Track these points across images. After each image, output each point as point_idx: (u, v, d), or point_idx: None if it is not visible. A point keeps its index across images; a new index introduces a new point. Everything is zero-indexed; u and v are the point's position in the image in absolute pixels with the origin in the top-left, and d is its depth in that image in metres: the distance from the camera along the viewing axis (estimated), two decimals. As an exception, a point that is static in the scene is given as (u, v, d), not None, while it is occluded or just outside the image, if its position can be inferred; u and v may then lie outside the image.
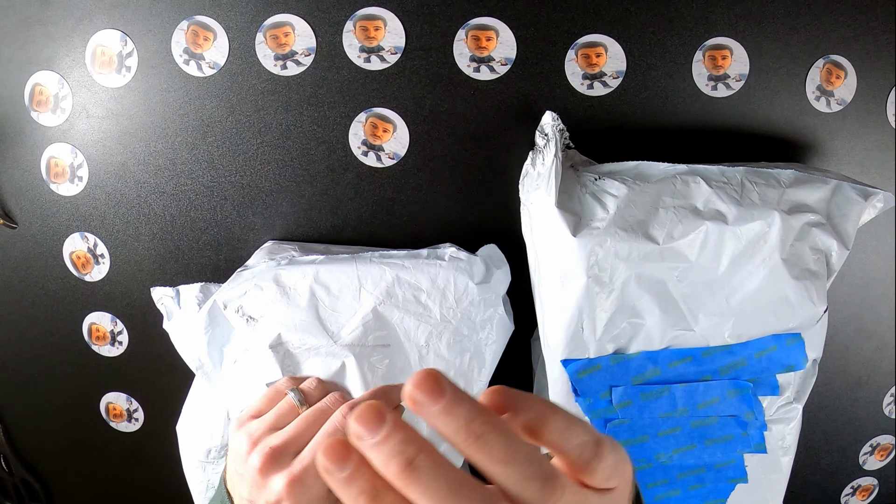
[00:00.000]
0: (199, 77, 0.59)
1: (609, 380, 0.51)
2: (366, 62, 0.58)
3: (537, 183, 0.52)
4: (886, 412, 0.70)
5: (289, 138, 0.61)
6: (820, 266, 0.50)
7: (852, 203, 0.51)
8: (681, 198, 0.50)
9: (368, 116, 0.60)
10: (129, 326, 0.67)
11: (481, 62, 0.58)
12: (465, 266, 0.54)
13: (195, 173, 0.62)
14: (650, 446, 0.53)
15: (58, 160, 0.62)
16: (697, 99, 0.59)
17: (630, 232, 0.49)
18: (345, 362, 0.51)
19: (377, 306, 0.52)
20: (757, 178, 0.51)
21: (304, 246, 0.61)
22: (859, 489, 0.75)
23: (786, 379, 0.52)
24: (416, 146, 0.61)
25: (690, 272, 0.49)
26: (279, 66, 0.59)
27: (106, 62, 0.59)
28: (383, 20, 0.57)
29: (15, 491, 0.75)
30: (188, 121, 0.61)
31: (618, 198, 0.50)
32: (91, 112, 0.61)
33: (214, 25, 0.58)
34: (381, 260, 0.54)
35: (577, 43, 0.58)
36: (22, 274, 0.66)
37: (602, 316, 0.50)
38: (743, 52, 0.58)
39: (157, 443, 0.71)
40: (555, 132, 0.53)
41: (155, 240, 0.64)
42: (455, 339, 0.53)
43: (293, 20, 0.58)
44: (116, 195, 0.63)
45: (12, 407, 0.72)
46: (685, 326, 0.50)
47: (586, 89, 0.59)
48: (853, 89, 0.60)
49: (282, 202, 0.62)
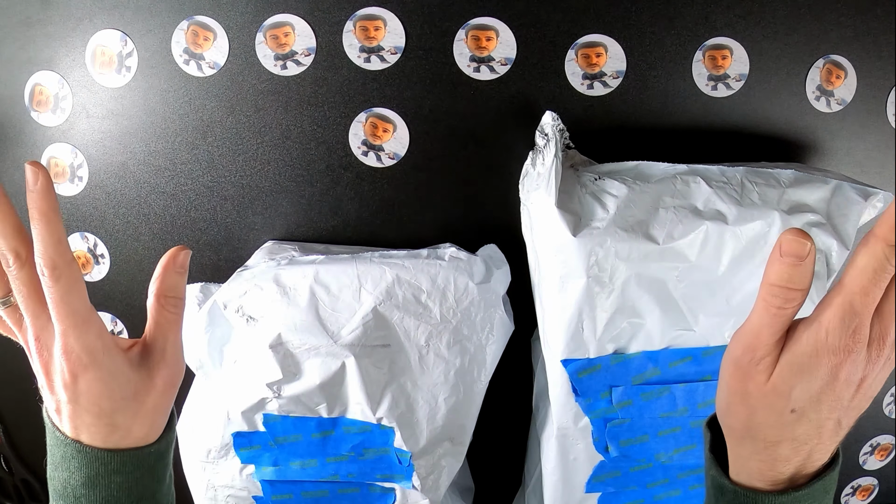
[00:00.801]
0: (199, 77, 0.59)
1: (609, 380, 0.51)
2: (366, 62, 0.58)
3: (537, 183, 0.52)
4: (886, 412, 0.70)
5: (289, 138, 0.61)
6: (820, 266, 0.50)
7: (852, 203, 0.51)
8: (681, 198, 0.50)
9: (368, 116, 0.60)
10: (129, 326, 0.67)
11: (481, 62, 0.58)
12: (465, 266, 0.54)
13: (195, 173, 0.62)
14: (650, 446, 0.53)
15: (58, 160, 0.62)
16: (697, 99, 0.59)
17: (630, 232, 0.49)
18: (345, 362, 0.51)
19: (377, 306, 0.52)
20: (757, 178, 0.51)
21: (304, 246, 0.61)
22: (859, 489, 0.75)
23: (786, 379, 0.52)
24: (416, 146, 0.61)
25: (690, 272, 0.49)
26: (279, 66, 0.59)
27: (106, 62, 0.59)
28: (383, 20, 0.57)
29: (15, 491, 0.75)
30: (188, 121, 0.61)
31: (618, 198, 0.50)
32: (91, 112, 0.61)
33: (214, 25, 0.58)
34: (381, 260, 0.54)
35: (577, 43, 0.58)
36: (22, 274, 0.66)
37: (602, 316, 0.50)
38: (743, 52, 0.58)
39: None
40: (555, 132, 0.53)
41: (155, 240, 0.64)
42: (455, 339, 0.53)
43: (293, 20, 0.58)
44: (116, 195, 0.63)
45: (12, 407, 0.72)
46: (685, 326, 0.50)
47: (586, 89, 0.59)
48: (853, 89, 0.60)
49: (282, 202, 0.62)
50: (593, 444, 0.53)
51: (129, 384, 0.36)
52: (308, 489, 0.55)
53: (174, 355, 0.38)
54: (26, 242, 0.34)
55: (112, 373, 0.35)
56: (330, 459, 0.53)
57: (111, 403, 0.35)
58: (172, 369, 0.38)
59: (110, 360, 0.35)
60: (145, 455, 0.37)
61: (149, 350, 0.38)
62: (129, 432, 0.37)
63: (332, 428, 0.53)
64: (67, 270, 0.33)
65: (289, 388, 0.52)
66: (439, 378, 0.53)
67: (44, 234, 0.33)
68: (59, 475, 0.37)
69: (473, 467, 0.69)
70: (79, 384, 0.35)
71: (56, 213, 0.33)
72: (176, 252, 0.38)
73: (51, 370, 0.35)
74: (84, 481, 0.36)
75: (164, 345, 0.38)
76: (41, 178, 0.33)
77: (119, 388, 0.36)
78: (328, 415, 0.53)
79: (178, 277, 0.38)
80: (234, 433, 0.53)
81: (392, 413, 0.52)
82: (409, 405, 0.53)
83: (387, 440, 0.53)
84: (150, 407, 0.37)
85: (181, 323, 0.39)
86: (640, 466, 0.54)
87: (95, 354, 0.35)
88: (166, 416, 0.39)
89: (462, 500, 0.64)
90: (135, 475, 0.37)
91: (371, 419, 0.52)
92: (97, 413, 0.35)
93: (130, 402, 0.36)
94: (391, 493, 0.55)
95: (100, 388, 0.35)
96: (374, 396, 0.52)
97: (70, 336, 0.34)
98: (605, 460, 0.54)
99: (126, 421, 0.36)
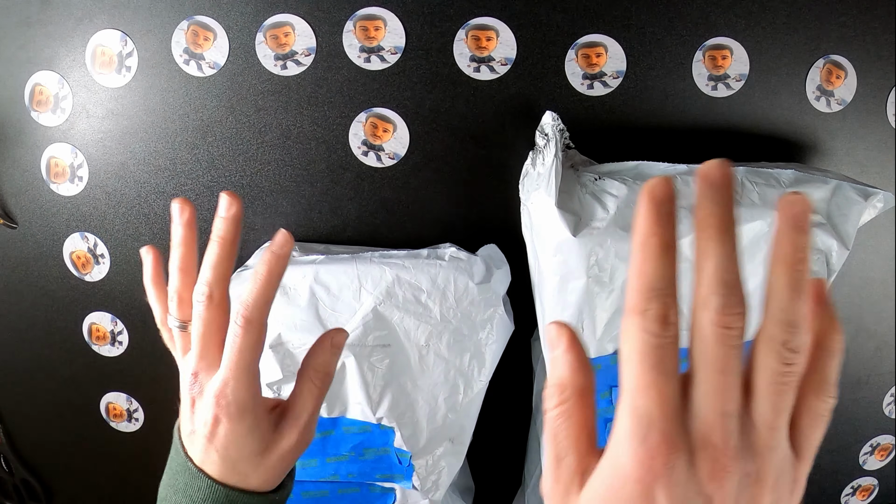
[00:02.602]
0: (199, 77, 0.59)
1: (609, 380, 0.51)
2: (366, 62, 0.58)
3: (537, 183, 0.52)
4: (886, 412, 0.70)
5: (289, 138, 0.61)
6: (820, 266, 0.50)
7: (852, 203, 0.51)
8: (681, 198, 0.50)
9: (368, 116, 0.60)
10: (129, 326, 0.67)
11: (481, 62, 0.58)
12: (465, 266, 0.54)
13: (195, 173, 0.62)
14: (650, 446, 0.53)
15: (58, 160, 0.62)
16: (697, 99, 0.59)
17: (630, 232, 0.49)
18: (345, 362, 0.51)
19: (377, 306, 0.52)
20: (757, 178, 0.51)
21: (304, 246, 0.61)
22: (859, 489, 0.75)
23: (786, 379, 0.52)
24: (416, 146, 0.61)
25: (690, 272, 0.49)
26: (279, 66, 0.59)
27: (106, 62, 0.59)
28: (383, 20, 0.57)
29: (15, 491, 0.75)
30: (188, 121, 0.61)
31: (618, 198, 0.50)
32: (91, 112, 0.61)
33: (214, 25, 0.58)
34: (381, 260, 0.54)
35: (577, 43, 0.58)
36: (22, 274, 0.66)
37: (602, 316, 0.50)
38: (743, 52, 0.58)
39: (157, 443, 0.71)
40: (555, 132, 0.53)
41: (155, 240, 0.64)
42: (455, 339, 0.53)
43: (293, 20, 0.58)
44: (116, 195, 0.63)
45: (12, 407, 0.72)
46: (685, 326, 0.50)
47: (586, 89, 0.59)
48: (853, 89, 0.60)
49: (282, 202, 0.62)
50: (593, 444, 0.53)
51: (261, 442, 0.37)
52: (308, 489, 0.55)
53: (308, 425, 0.39)
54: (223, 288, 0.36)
55: (251, 429, 0.36)
56: (330, 459, 0.53)
57: (239, 453, 0.37)
58: (303, 437, 0.39)
59: (254, 418, 0.36)
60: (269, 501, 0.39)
61: (287, 415, 0.39)
62: (246, 479, 0.38)
63: (332, 428, 0.53)
64: (258, 329, 0.35)
65: (289, 388, 0.51)
66: (439, 378, 0.53)
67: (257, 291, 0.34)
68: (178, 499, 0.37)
69: (473, 467, 0.69)
70: (219, 429, 0.36)
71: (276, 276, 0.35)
72: (334, 333, 0.40)
73: (198, 405, 0.36)
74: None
75: (301, 413, 0.39)
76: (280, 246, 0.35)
77: (251, 443, 0.37)
78: (328, 415, 0.53)
79: (330, 356, 0.40)
80: (234, 433, 0.53)
81: (392, 413, 0.52)
82: (409, 405, 0.53)
83: (387, 440, 0.53)
84: (273, 464, 0.38)
85: (323, 396, 0.40)
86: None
87: (244, 411, 0.36)
88: (286, 472, 0.40)
89: (462, 500, 0.64)
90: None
91: (371, 419, 0.52)
92: (224, 456, 0.36)
93: (256, 457, 0.37)
94: (391, 493, 0.55)
95: (235, 438, 0.36)
96: (374, 396, 0.52)
97: (230, 387, 0.35)
98: (605, 460, 0.54)
99: (247, 469, 0.37)
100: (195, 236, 0.39)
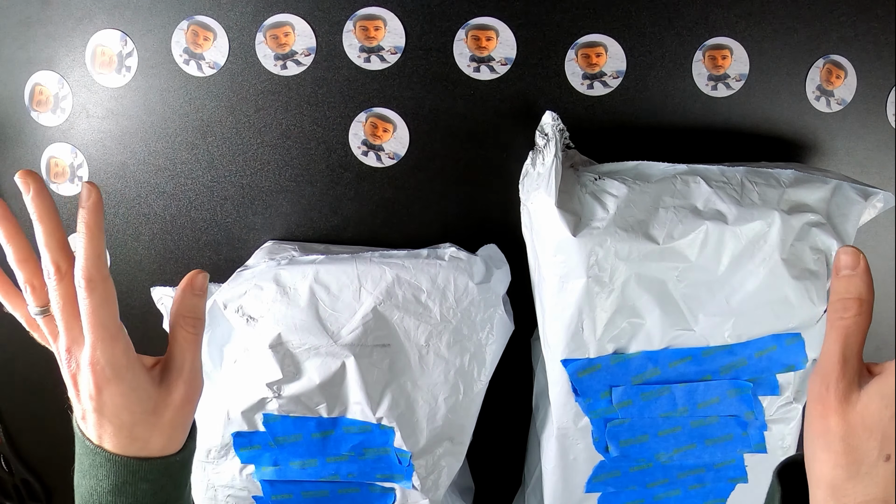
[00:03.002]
0: (199, 77, 0.59)
1: (609, 380, 0.51)
2: (366, 62, 0.58)
3: (537, 183, 0.52)
4: (886, 412, 0.70)
5: (289, 138, 0.61)
6: (820, 266, 0.50)
7: (852, 203, 0.51)
8: (681, 198, 0.50)
9: (368, 116, 0.60)
10: (128, 326, 0.67)
11: (481, 62, 0.58)
12: (465, 266, 0.54)
13: (195, 173, 0.62)
14: (650, 446, 0.53)
15: (58, 160, 0.62)
16: (697, 99, 0.59)
17: (630, 232, 0.49)
18: (345, 362, 0.51)
19: (377, 306, 0.52)
20: (757, 178, 0.51)
21: (304, 246, 0.61)
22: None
23: (786, 379, 0.52)
24: (416, 146, 0.61)
25: (690, 272, 0.49)
26: (279, 66, 0.59)
27: (106, 62, 0.59)
28: (383, 20, 0.57)
29: (15, 491, 0.75)
30: (188, 121, 0.61)
31: (618, 198, 0.50)
32: (91, 112, 0.61)
33: (214, 25, 0.58)
34: (381, 260, 0.54)
35: (577, 43, 0.58)
36: (22, 274, 0.66)
37: (602, 316, 0.50)
38: (743, 52, 0.58)
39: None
40: (555, 132, 0.53)
41: (155, 240, 0.64)
42: (455, 339, 0.53)
43: (293, 20, 0.58)
44: (116, 195, 0.63)
45: (12, 407, 0.72)
46: (685, 326, 0.50)
47: (586, 89, 0.59)
48: (853, 89, 0.60)
49: (282, 202, 0.62)
50: (593, 444, 0.53)
51: (149, 400, 0.38)
52: (308, 489, 0.55)
53: (192, 373, 0.40)
54: (68, 257, 0.36)
55: (133, 388, 0.37)
56: (330, 459, 0.53)
57: (131, 416, 0.37)
58: (190, 387, 0.40)
59: (133, 375, 0.37)
60: (170, 464, 0.39)
61: (169, 368, 0.39)
62: (147, 444, 0.38)
63: (332, 428, 0.53)
64: (102, 285, 0.36)
65: (289, 387, 0.52)
66: (439, 378, 0.53)
67: (87, 248, 0.35)
68: (87, 483, 0.38)
69: (473, 467, 0.69)
70: (103, 396, 0.36)
71: (100, 230, 0.36)
72: (194, 275, 0.40)
73: (78, 380, 0.37)
74: (111, 489, 0.37)
75: (182, 363, 0.39)
76: (94, 195, 0.36)
77: (139, 402, 0.37)
78: (328, 415, 0.53)
79: (196, 299, 0.40)
80: (234, 433, 0.53)
81: (392, 413, 0.52)
82: (409, 405, 0.53)
83: (387, 440, 0.53)
84: (168, 421, 0.38)
85: (200, 342, 0.41)
86: (640, 466, 0.54)
87: (119, 369, 0.36)
88: (185, 429, 0.40)
89: (462, 500, 0.64)
90: (160, 483, 0.38)
91: (371, 419, 0.52)
92: (118, 424, 0.37)
93: (149, 417, 0.38)
94: (391, 493, 0.55)
95: (121, 401, 0.36)
96: (374, 396, 0.52)
97: (97, 349, 0.36)
98: (605, 460, 0.54)
99: (144, 433, 0.38)
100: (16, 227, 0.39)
